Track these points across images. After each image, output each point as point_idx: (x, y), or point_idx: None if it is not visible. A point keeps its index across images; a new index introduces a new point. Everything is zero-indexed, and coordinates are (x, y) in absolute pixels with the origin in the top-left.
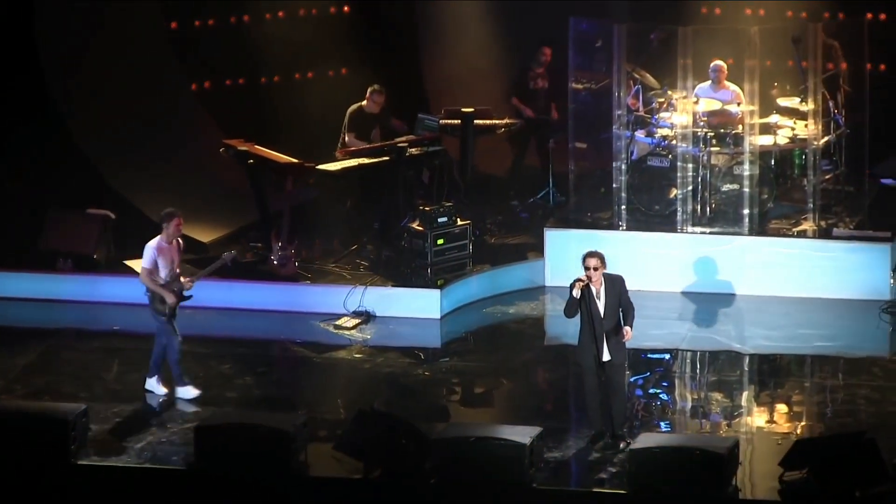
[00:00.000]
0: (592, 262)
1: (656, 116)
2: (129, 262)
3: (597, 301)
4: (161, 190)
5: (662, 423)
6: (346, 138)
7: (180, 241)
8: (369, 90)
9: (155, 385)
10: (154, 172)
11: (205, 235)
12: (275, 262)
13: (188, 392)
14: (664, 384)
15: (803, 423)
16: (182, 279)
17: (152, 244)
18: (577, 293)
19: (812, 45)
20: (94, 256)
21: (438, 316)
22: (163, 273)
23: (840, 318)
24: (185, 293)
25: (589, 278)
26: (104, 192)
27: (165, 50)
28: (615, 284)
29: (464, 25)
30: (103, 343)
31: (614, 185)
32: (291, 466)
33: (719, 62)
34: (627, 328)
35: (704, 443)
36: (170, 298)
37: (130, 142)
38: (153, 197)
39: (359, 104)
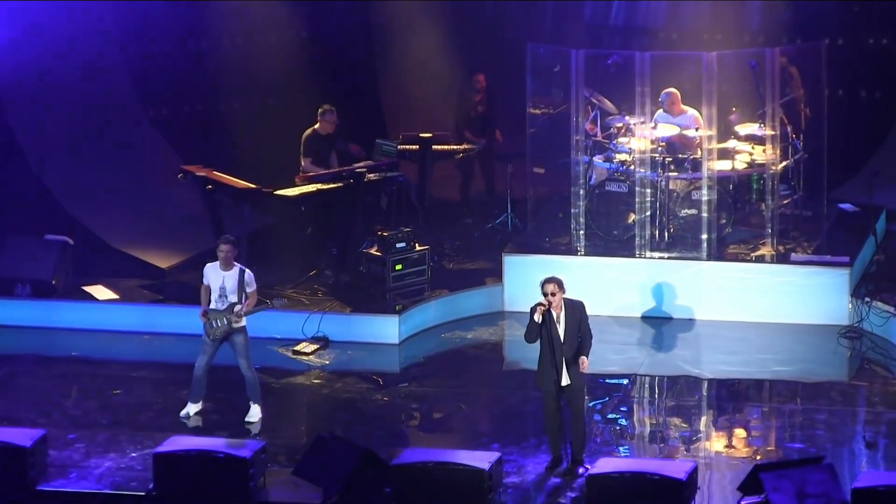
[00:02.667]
0: (550, 287)
1: (614, 141)
2: (87, 288)
3: (557, 326)
4: (119, 216)
5: (621, 448)
6: (304, 163)
7: (246, 271)
8: (320, 111)
9: (253, 414)
10: (112, 198)
11: (162, 261)
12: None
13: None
14: (623, 409)
15: (762, 448)
16: (234, 310)
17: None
18: (538, 317)
19: (770, 70)
20: (53, 282)
21: (397, 341)
22: (212, 296)
23: (798, 343)
24: (234, 325)
25: (549, 303)
26: (62, 218)
27: (123, 76)
28: (575, 310)
29: (421, 51)
30: (62, 369)
31: (572, 210)
32: (250, 492)
33: (670, 89)
34: (584, 357)
35: (663, 468)
36: (202, 317)
37: (88, 168)
38: (111, 223)
39: (312, 128)
